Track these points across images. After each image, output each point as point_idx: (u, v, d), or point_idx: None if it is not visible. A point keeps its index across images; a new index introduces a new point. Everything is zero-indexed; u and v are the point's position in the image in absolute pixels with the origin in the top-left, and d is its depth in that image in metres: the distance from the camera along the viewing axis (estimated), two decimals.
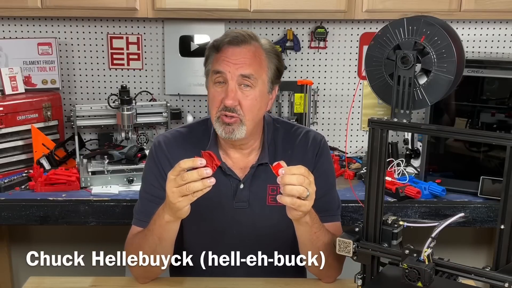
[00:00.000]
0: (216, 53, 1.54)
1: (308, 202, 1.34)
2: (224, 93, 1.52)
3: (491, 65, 2.24)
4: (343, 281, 1.59)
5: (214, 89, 1.54)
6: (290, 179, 1.30)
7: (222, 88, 1.52)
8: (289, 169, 1.31)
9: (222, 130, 1.53)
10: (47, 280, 1.60)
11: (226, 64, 1.51)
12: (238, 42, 1.52)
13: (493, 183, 2.22)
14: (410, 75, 1.24)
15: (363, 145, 2.88)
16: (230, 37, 1.53)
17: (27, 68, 2.67)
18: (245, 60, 1.51)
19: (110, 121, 2.62)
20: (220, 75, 1.52)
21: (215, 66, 1.53)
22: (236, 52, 1.52)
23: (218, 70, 1.52)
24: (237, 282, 1.58)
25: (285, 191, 1.31)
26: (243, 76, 1.51)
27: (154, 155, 1.63)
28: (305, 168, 1.34)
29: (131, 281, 1.59)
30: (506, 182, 1.15)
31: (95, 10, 2.46)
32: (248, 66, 1.51)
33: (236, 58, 1.51)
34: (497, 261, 1.18)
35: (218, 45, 1.54)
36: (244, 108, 1.52)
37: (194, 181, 1.30)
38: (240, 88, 1.52)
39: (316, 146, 1.66)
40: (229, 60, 1.51)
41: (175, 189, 1.32)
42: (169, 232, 1.46)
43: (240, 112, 1.52)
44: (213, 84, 1.54)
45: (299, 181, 1.31)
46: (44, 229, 2.87)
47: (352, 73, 2.84)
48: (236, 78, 1.51)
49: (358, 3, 2.45)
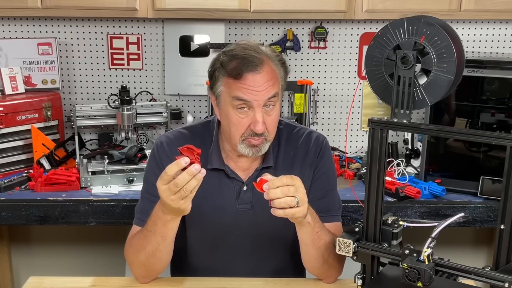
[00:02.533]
0: (233, 80, 1.49)
1: (301, 207, 1.36)
2: (251, 119, 1.50)
3: (491, 65, 2.24)
4: (343, 281, 1.59)
5: (238, 115, 1.51)
6: (275, 193, 1.33)
7: (247, 115, 1.50)
8: (272, 183, 1.33)
9: (249, 150, 1.54)
10: (47, 280, 1.60)
11: (251, 93, 1.47)
12: (256, 67, 1.48)
13: (493, 183, 2.22)
14: (410, 75, 1.24)
15: (363, 145, 2.88)
16: (247, 63, 1.47)
17: (27, 68, 2.67)
18: (268, 83, 1.49)
19: (110, 121, 2.62)
20: (244, 103, 1.49)
21: (237, 94, 1.48)
22: (258, 78, 1.48)
23: (243, 99, 1.48)
24: (237, 282, 1.58)
25: (274, 205, 1.34)
26: (269, 98, 1.50)
27: (156, 156, 1.63)
28: (288, 177, 1.35)
29: (131, 281, 1.59)
30: (506, 182, 1.15)
31: (95, 10, 2.46)
32: (272, 88, 1.50)
33: (260, 85, 1.48)
34: (497, 261, 1.18)
35: (236, 73, 1.48)
36: (269, 127, 1.53)
37: (187, 181, 1.30)
38: (264, 109, 1.51)
39: (318, 146, 1.66)
40: (253, 89, 1.47)
41: (173, 196, 1.32)
42: (172, 230, 1.47)
43: (266, 134, 1.53)
44: (234, 109, 1.51)
45: (284, 193, 1.33)
46: (44, 229, 2.87)
47: (352, 73, 2.84)
48: (263, 103, 1.49)
49: (358, 3, 2.45)
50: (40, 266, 2.94)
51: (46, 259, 2.94)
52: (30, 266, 2.95)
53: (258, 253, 1.66)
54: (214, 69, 1.54)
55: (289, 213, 1.35)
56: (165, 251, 1.52)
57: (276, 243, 1.66)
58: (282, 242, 1.66)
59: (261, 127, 1.50)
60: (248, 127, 1.51)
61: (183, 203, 1.33)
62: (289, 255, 1.69)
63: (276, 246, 1.67)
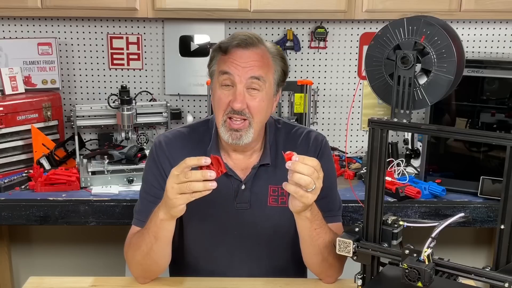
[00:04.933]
0: (224, 55, 1.52)
1: (311, 195, 1.33)
2: (232, 96, 1.50)
3: (491, 65, 2.24)
4: (343, 281, 1.59)
5: (221, 92, 1.52)
6: (301, 168, 1.29)
7: (230, 91, 1.51)
8: (302, 158, 1.30)
9: (229, 136, 1.53)
10: (47, 280, 1.60)
11: (234, 66, 1.50)
12: (247, 45, 1.50)
13: (493, 183, 2.22)
14: (410, 75, 1.24)
15: (363, 145, 2.88)
16: (238, 40, 1.51)
17: (27, 68, 2.67)
18: (254, 62, 1.50)
19: (110, 121, 2.62)
20: (227, 78, 1.50)
21: (223, 67, 1.51)
22: (245, 55, 1.50)
23: (226, 71, 1.50)
24: (237, 282, 1.58)
25: (292, 179, 1.30)
26: (253, 77, 1.50)
27: (154, 155, 1.63)
28: (318, 162, 1.33)
29: (131, 281, 1.59)
30: (506, 182, 1.15)
31: (95, 10, 2.46)
32: (257, 68, 1.51)
33: (245, 61, 1.50)
34: (497, 261, 1.18)
35: (226, 48, 1.52)
36: (251, 110, 1.52)
37: (196, 181, 1.30)
38: (248, 91, 1.51)
39: (317, 146, 1.66)
40: (237, 63, 1.50)
41: (175, 185, 1.32)
42: (164, 231, 1.45)
43: (248, 115, 1.52)
44: (219, 86, 1.53)
45: (309, 172, 1.30)
46: (44, 229, 2.88)
47: (352, 73, 2.84)
48: (245, 81, 1.50)
49: (358, 3, 2.46)
50: (40, 266, 2.94)
51: (46, 259, 2.94)
52: (30, 266, 2.95)
53: (256, 252, 1.65)
54: (213, 50, 1.57)
55: (298, 192, 1.31)
56: (160, 253, 1.50)
57: (275, 242, 1.66)
58: (281, 241, 1.66)
59: (239, 103, 1.49)
60: (229, 104, 1.51)
61: (179, 198, 1.32)
62: (289, 254, 1.69)
63: (275, 245, 1.66)
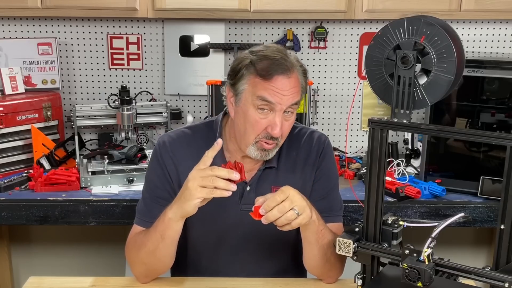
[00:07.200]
0: (262, 80, 1.47)
1: (303, 215, 1.37)
2: (269, 122, 1.49)
3: (491, 65, 2.24)
4: (343, 281, 1.59)
5: (257, 115, 1.50)
6: (273, 215, 1.34)
7: (267, 117, 1.49)
8: (267, 206, 1.34)
9: (259, 153, 1.54)
10: (47, 280, 1.60)
11: (278, 96, 1.47)
12: (287, 71, 1.47)
13: (493, 183, 2.22)
14: (410, 75, 1.24)
15: (363, 145, 2.88)
16: (279, 65, 1.47)
17: (27, 68, 2.67)
18: (294, 89, 1.49)
19: (110, 121, 2.62)
20: (267, 104, 1.48)
21: (263, 94, 1.47)
22: (286, 83, 1.47)
23: (268, 100, 1.47)
24: (237, 282, 1.58)
25: (277, 225, 1.36)
26: (292, 104, 1.50)
27: (158, 155, 1.63)
28: (278, 192, 1.36)
29: (131, 281, 1.59)
30: (506, 182, 1.15)
31: (95, 10, 2.46)
32: (296, 95, 1.50)
33: (287, 90, 1.47)
34: (497, 261, 1.18)
35: (266, 74, 1.47)
36: (284, 133, 1.54)
37: (221, 177, 1.33)
38: (283, 114, 1.51)
39: (320, 146, 1.66)
40: (281, 93, 1.47)
41: (199, 177, 1.35)
42: (171, 230, 1.46)
43: (279, 139, 1.53)
44: (255, 108, 1.50)
45: (281, 211, 1.34)
46: (44, 229, 2.88)
47: (352, 73, 2.84)
48: (285, 108, 1.49)
49: (358, 3, 2.45)
50: (40, 266, 2.94)
51: (46, 259, 2.94)
52: (30, 266, 2.95)
53: (260, 253, 1.66)
54: (241, 66, 1.51)
55: (295, 224, 1.37)
56: (166, 252, 1.51)
57: (278, 244, 1.66)
58: (284, 243, 1.66)
59: (278, 131, 1.49)
60: (265, 129, 1.51)
61: (199, 191, 1.35)
62: (291, 256, 1.69)
63: (278, 247, 1.66)
